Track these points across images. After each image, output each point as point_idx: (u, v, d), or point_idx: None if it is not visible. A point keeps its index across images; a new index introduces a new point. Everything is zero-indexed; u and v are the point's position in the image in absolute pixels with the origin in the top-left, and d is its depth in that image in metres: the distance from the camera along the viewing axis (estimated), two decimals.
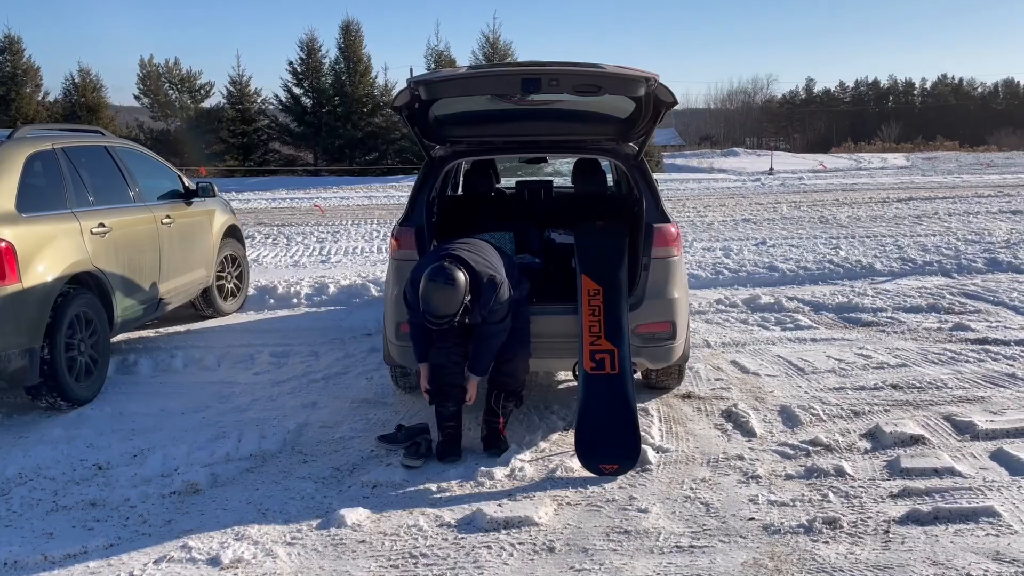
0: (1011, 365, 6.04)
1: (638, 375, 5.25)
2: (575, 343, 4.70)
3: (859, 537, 3.49)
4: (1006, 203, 17.82)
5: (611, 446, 4.27)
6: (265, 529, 3.67)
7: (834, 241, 12.28)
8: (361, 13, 71.73)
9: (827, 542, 3.45)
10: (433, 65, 35.85)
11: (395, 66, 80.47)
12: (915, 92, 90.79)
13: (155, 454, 4.55)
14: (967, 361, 6.20)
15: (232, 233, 8.22)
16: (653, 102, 4.67)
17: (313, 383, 5.93)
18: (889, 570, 3.22)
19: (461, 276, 4.16)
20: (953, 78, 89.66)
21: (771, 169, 34.80)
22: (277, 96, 36.50)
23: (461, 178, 6.84)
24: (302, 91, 35.98)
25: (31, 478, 4.28)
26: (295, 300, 8.52)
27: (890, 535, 3.50)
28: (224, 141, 35.33)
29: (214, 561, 3.40)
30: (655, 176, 5.48)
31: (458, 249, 4.39)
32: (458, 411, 4.53)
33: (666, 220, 4.94)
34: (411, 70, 52.94)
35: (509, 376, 4.59)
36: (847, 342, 6.90)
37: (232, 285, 8.18)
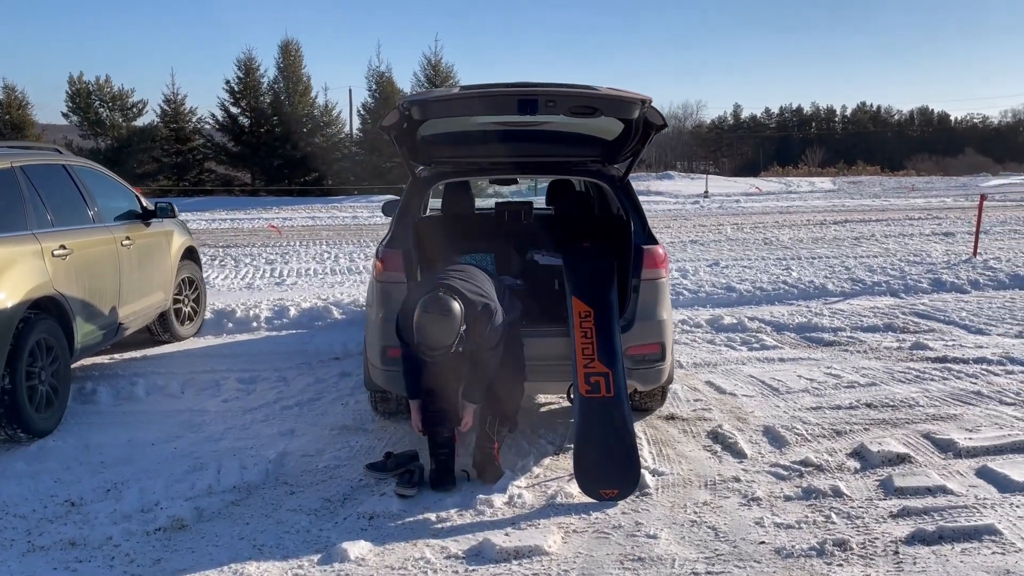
0: (974, 383, 6.21)
1: None
2: (567, 365, 4.66)
3: (871, 559, 3.50)
4: (936, 225, 18.51)
5: (610, 471, 4.22)
6: (264, 566, 3.51)
7: (784, 262, 12.54)
8: (301, 33, 71.02)
9: (841, 564, 3.45)
10: (374, 87, 35.71)
11: (335, 86, 79.84)
12: (836, 119, 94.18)
13: (130, 488, 4.33)
14: (932, 379, 6.35)
15: (190, 255, 7.96)
16: (643, 124, 4.68)
17: (286, 410, 5.74)
18: None
19: (456, 306, 4.07)
20: (872, 106, 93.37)
21: (707, 192, 35.55)
22: (213, 115, 35.89)
23: (440, 198, 6.77)
24: (239, 110, 35.44)
25: (23, 515, 4.02)
26: (255, 324, 8.28)
27: (900, 556, 3.52)
28: (157, 160, 34.49)
29: None
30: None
31: (451, 278, 4.29)
32: (451, 438, 4.43)
33: (654, 242, 4.95)
34: (350, 91, 52.49)
35: (503, 401, 4.51)
36: (813, 361, 7.01)
37: (189, 309, 7.91)
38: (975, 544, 3.60)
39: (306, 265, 12.69)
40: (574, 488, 4.27)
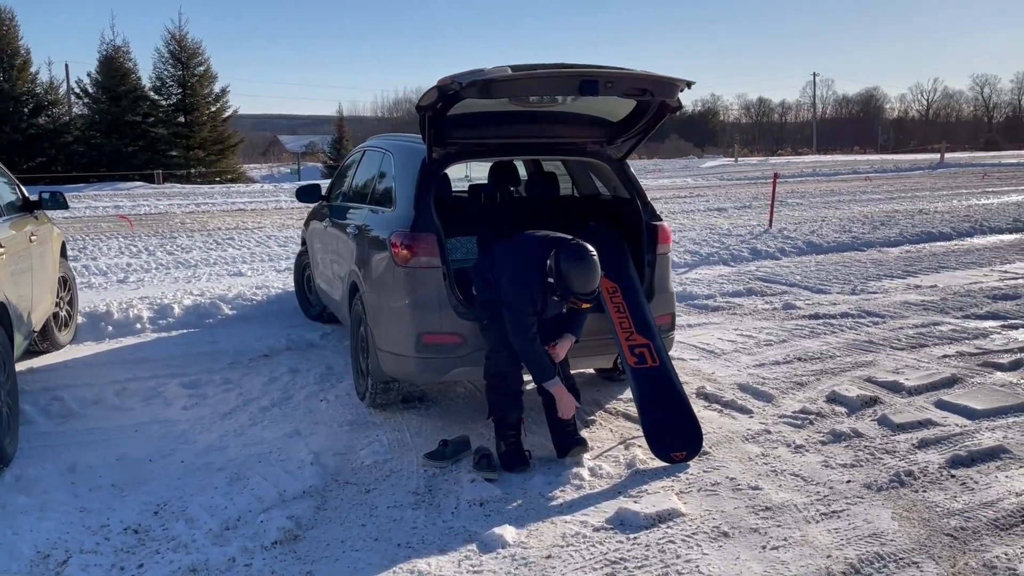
0: (858, 335, 7.19)
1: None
2: (603, 339, 4.83)
3: (940, 482, 4.08)
4: (704, 203, 20.46)
5: (676, 435, 4.48)
6: (431, 561, 3.38)
7: None
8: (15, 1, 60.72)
9: (925, 489, 4.00)
10: (105, 59, 32.51)
11: (61, 61, 70.22)
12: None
13: (185, 507, 3.92)
14: (824, 334, 7.25)
15: (63, 252, 7.02)
16: (658, 107, 4.94)
17: (266, 411, 5.37)
18: (1002, 503, 3.82)
19: None
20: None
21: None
22: None
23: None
24: None
25: (73, 553, 3.47)
26: (137, 325, 7.48)
27: (957, 477, 4.14)
28: None
29: None
30: None
31: (550, 233, 4.49)
32: (520, 420, 4.45)
33: (660, 219, 5.24)
34: (67, 66, 47.32)
35: (566, 373, 4.60)
36: (716, 325, 7.71)
37: (65, 312, 6.98)
38: (1003, 461, 4.31)
39: (117, 260, 11.44)
40: (639, 454, 4.49)
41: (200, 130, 33.99)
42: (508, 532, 3.59)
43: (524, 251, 4.38)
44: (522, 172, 6.52)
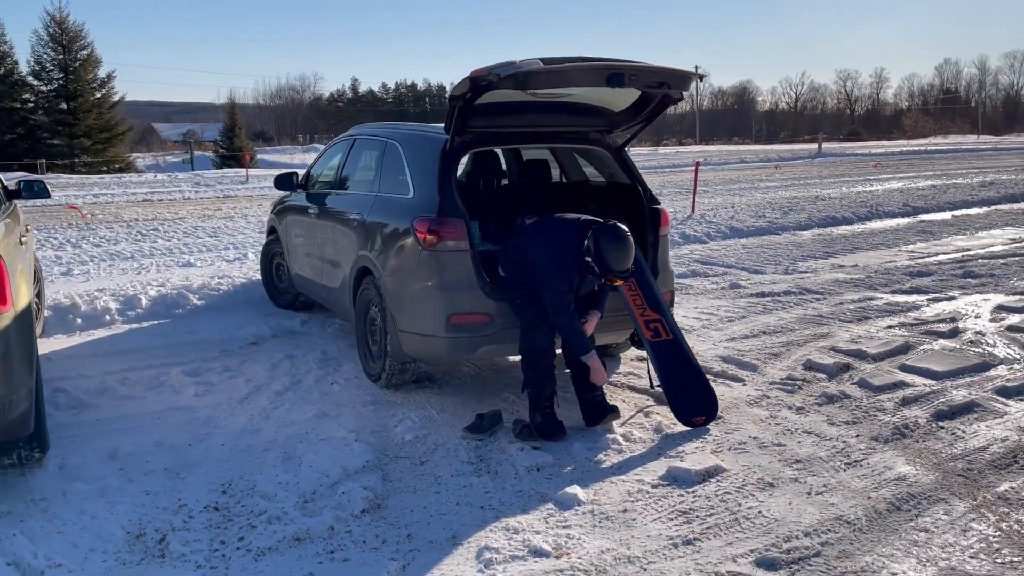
0: (806, 310, 7.81)
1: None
2: (619, 316, 5.16)
3: (935, 434, 4.62)
4: None
5: (695, 402, 4.87)
6: (520, 520, 3.64)
7: None
8: None
9: (925, 438, 4.52)
10: None
11: None
12: (446, 95, 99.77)
13: (253, 482, 4.04)
14: (776, 310, 7.84)
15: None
16: (662, 97, 5.29)
17: (280, 395, 5.45)
18: (992, 448, 4.37)
19: None
20: None
21: None
22: None
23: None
24: None
25: (166, 531, 3.54)
26: (107, 317, 7.33)
27: (945, 428, 4.69)
28: None
29: (537, 552, 3.35)
30: None
31: (580, 216, 4.79)
32: (554, 392, 4.72)
33: (659, 203, 5.61)
34: None
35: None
36: (676, 304, 8.16)
37: (34, 305, 6.77)
38: (978, 413, 4.90)
39: (43, 253, 10.99)
40: (662, 420, 4.86)
41: (85, 117, 32.42)
42: (578, 491, 3.89)
43: (561, 233, 4.65)
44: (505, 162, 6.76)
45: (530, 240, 4.77)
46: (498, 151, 6.45)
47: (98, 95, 33.44)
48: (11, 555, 3.35)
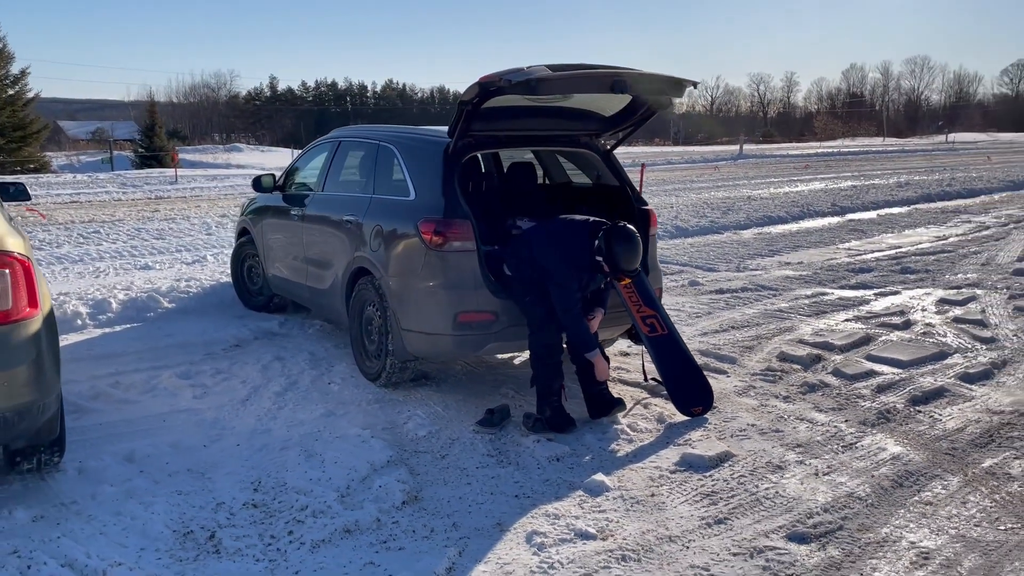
0: (765, 306, 8.20)
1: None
2: (616, 312, 5.38)
3: (913, 418, 4.98)
4: None
5: (692, 393, 5.13)
6: (556, 506, 3.82)
7: None
8: None
9: (906, 422, 4.88)
10: None
11: None
12: (368, 94, 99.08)
13: (284, 479, 4.13)
14: (736, 306, 8.21)
15: None
16: (649, 104, 5.54)
17: (280, 396, 5.49)
18: (968, 428, 4.74)
19: None
20: (399, 83, 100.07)
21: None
22: None
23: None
24: None
25: (213, 528, 3.59)
26: (78, 321, 7.20)
27: (922, 411, 5.06)
28: None
29: (583, 535, 3.53)
30: None
31: (588, 217, 4.99)
32: (562, 386, 4.91)
33: (647, 204, 5.86)
34: None
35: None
36: None
37: None
38: (948, 398, 5.29)
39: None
40: (661, 411, 5.10)
41: None
42: (604, 479, 4.09)
43: (573, 234, 4.84)
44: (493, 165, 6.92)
45: (539, 241, 4.95)
46: (479, 155, 6.60)
47: (11, 92, 32.11)
48: (62, 557, 3.36)
